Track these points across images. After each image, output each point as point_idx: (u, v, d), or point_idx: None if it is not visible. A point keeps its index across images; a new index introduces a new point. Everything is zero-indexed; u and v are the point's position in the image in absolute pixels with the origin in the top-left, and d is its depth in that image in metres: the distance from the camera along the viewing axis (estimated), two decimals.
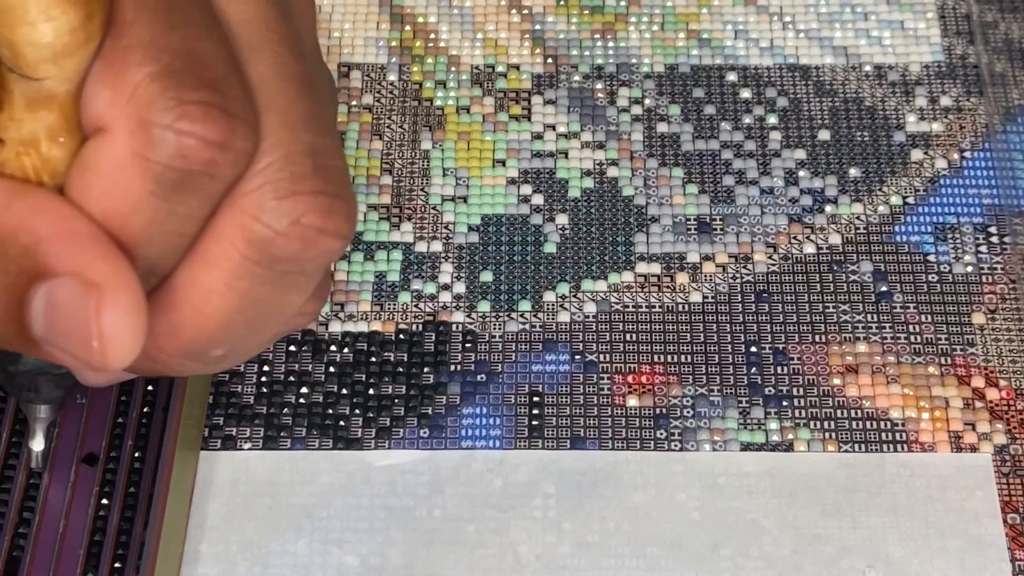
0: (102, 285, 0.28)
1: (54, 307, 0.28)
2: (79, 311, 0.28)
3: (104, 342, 0.28)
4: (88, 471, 0.37)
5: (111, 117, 0.28)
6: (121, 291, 0.28)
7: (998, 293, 0.40)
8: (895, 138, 0.43)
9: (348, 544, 0.36)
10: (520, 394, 0.39)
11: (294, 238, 0.30)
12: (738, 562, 0.36)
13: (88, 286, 0.28)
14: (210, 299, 0.30)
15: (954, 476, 0.37)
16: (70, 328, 0.28)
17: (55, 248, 0.28)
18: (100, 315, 0.28)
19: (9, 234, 0.28)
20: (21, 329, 0.28)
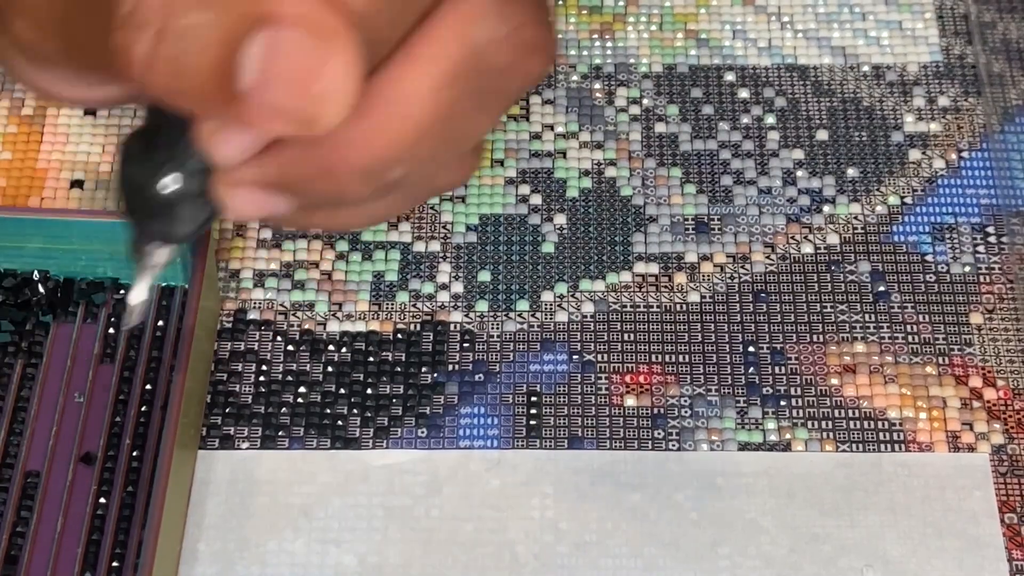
0: (330, 35, 0.27)
1: (275, 53, 0.27)
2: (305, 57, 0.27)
3: (327, 91, 0.27)
4: (86, 470, 0.37)
5: None
6: (348, 43, 0.27)
7: (996, 293, 0.40)
8: (893, 138, 0.43)
9: (346, 543, 0.36)
10: (518, 394, 0.39)
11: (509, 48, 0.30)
12: (736, 561, 0.36)
13: (317, 33, 0.27)
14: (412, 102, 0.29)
15: (952, 476, 0.37)
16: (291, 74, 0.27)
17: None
18: (327, 62, 0.27)
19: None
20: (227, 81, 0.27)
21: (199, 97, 0.27)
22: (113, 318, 0.39)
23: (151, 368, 0.38)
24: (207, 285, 0.38)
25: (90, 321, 0.39)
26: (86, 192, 0.42)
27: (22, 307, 0.39)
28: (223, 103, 0.27)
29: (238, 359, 0.39)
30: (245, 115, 0.27)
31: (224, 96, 0.27)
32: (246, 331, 0.40)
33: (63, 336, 0.39)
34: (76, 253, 0.39)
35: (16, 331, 0.39)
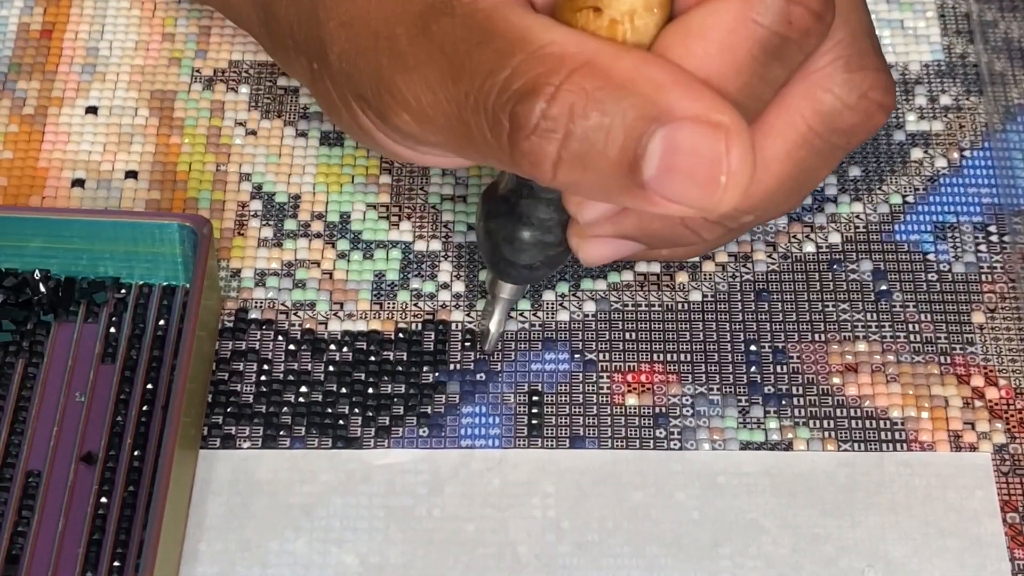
0: (728, 127, 0.30)
1: (675, 148, 0.30)
2: (707, 151, 0.30)
3: (731, 178, 0.30)
4: (87, 470, 0.37)
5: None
6: (744, 132, 0.30)
7: (998, 292, 0.40)
8: (895, 137, 0.43)
9: (347, 543, 0.36)
10: (519, 393, 0.39)
11: (859, 111, 0.33)
12: (737, 561, 0.36)
13: (716, 127, 0.30)
14: (769, 165, 0.33)
15: (953, 475, 0.37)
16: (695, 168, 0.30)
17: (675, 93, 0.30)
18: (730, 152, 0.29)
19: (627, 81, 0.30)
20: (630, 173, 0.30)
21: (602, 188, 0.31)
22: (114, 318, 0.39)
23: (152, 368, 0.38)
24: (208, 285, 0.38)
25: (91, 321, 0.39)
26: (87, 191, 0.42)
27: (23, 306, 0.39)
28: (625, 192, 0.31)
29: (239, 358, 0.39)
30: (648, 201, 0.31)
31: (628, 186, 0.30)
32: (247, 330, 0.40)
33: (64, 336, 0.39)
34: (77, 252, 0.39)
35: (17, 330, 0.39)
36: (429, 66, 0.32)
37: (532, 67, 0.30)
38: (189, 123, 0.44)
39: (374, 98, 0.34)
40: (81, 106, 0.44)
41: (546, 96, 0.30)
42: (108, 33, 0.45)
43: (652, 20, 0.31)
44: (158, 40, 0.45)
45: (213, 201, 0.42)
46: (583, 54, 0.30)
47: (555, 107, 0.30)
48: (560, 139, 0.30)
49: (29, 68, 0.45)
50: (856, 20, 0.34)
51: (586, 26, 0.31)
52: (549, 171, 0.31)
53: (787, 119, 0.33)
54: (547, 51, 0.30)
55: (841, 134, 0.34)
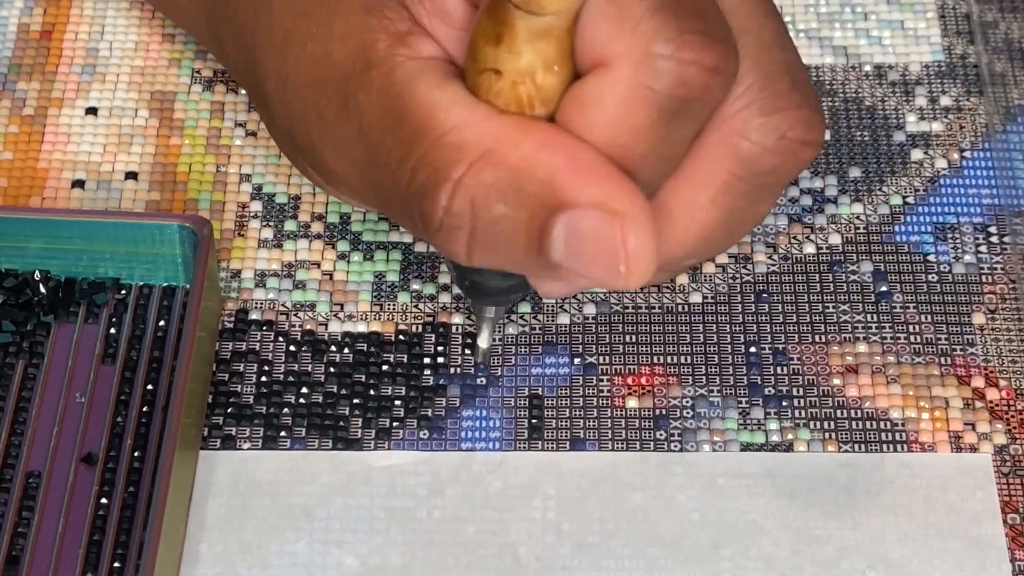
0: (624, 213, 0.30)
1: (576, 235, 0.30)
2: (605, 238, 0.30)
3: (630, 265, 0.30)
4: (87, 471, 0.37)
5: (613, 51, 0.30)
6: (641, 217, 0.30)
7: (998, 293, 0.40)
8: (895, 138, 0.43)
9: (348, 545, 0.36)
10: (520, 396, 0.39)
11: (780, 152, 0.33)
12: (738, 563, 0.36)
13: (612, 215, 0.30)
14: (695, 214, 0.33)
15: (954, 476, 0.37)
16: (595, 254, 0.30)
17: (572, 180, 0.30)
18: (626, 241, 0.30)
19: (526, 170, 0.30)
20: (540, 256, 0.30)
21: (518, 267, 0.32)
22: (115, 319, 0.39)
23: (152, 368, 0.38)
24: (208, 285, 0.38)
25: (91, 321, 0.39)
26: (87, 192, 0.42)
27: (23, 307, 0.39)
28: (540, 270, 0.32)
29: (239, 359, 0.39)
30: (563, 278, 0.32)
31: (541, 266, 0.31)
32: (247, 331, 0.40)
33: (64, 336, 0.39)
34: (77, 253, 0.39)
35: (17, 331, 0.39)
36: (352, 146, 0.33)
37: (435, 158, 0.31)
38: (189, 124, 0.44)
39: (314, 163, 0.35)
40: (81, 107, 0.44)
41: (447, 192, 0.30)
42: (108, 34, 0.45)
43: (555, 79, 0.31)
44: (158, 41, 0.45)
45: (213, 202, 0.42)
46: (483, 142, 0.30)
47: (456, 202, 0.31)
48: (467, 232, 0.31)
49: (29, 69, 0.45)
50: (769, 60, 0.33)
51: (489, 89, 0.31)
52: (464, 258, 0.32)
53: (706, 168, 0.33)
54: (448, 140, 0.31)
55: (767, 175, 0.33)
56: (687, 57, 0.30)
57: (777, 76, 0.33)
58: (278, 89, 0.34)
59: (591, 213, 0.30)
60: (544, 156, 0.30)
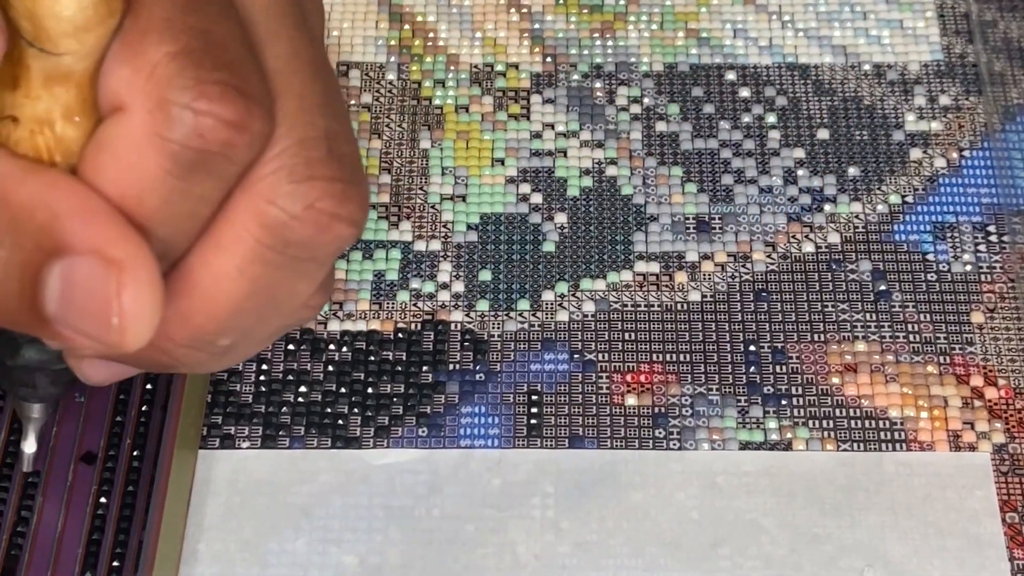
0: (122, 263, 0.27)
1: (71, 284, 0.28)
2: (98, 288, 0.27)
3: (124, 320, 0.28)
4: (86, 470, 0.37)
5: (129, 96, 0.28)
6: (141, 269, 0.28)
7: (997, 292, 0.40)
8: (894, 137, 0.43)
9: (347, 543, 0.36)
10: (519, 393, 0.39)
11: (308, 222, 0.30)
12: (737, 561, 0.36)
13: (108, 263, 0.27)
14: (222, 284, 0.30)
15: (953, 475, 0.37)
16: (88, 306, 0.28)
17: (72, 225, 0.28)
18: (120, 293, 0.27)
19: (25, 210, 0.28)
20: (34, 307, 0.28)
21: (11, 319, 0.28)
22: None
23: None
24: None
25: None
26: None
27: None
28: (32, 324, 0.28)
29: None
30: (56, 335, 0.28)
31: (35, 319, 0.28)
32: None
33: None
34: None
35: None
36: None
37: None
38: None
39: None
40: None
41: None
42: None
43: (75, 130, 0.28)
44: None
45: None
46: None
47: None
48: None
49: None
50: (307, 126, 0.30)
51: (8, 136, 0.29)
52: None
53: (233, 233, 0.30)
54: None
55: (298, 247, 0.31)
56: (204, 108, 0.28)
57: (313, 143, 0.30)
58: None
59: (86, 260, 0.27)
60: (49, 198, 0.28)
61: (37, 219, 0.28)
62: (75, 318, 0.28)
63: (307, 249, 0.30)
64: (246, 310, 0.31)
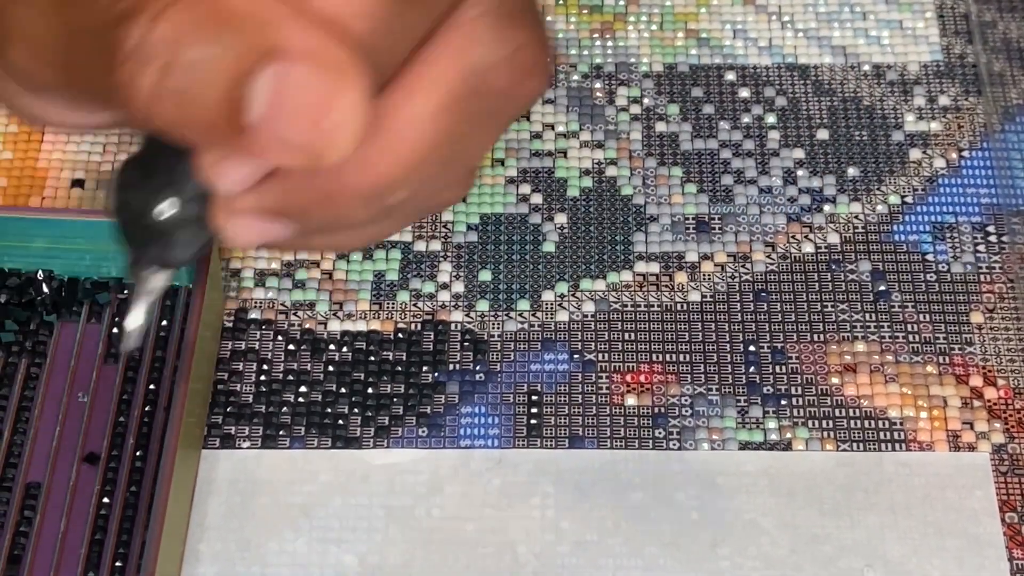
0: (340, 68, 0.27)
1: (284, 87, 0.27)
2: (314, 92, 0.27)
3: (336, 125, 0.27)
4: (90, 470, 0.37)
5: None
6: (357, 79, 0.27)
7: (996, 292, 0.40)
8: (893, 137, 0.43)
9: (347, 543, 0.36)
10: (519, 393, 0.39)
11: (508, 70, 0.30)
12: (736, 561, 0.36)
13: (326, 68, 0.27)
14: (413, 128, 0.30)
15: (952, 475, 0.37)
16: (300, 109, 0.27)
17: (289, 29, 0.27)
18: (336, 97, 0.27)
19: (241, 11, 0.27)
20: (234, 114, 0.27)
21: (205, 129, 0.28)
22: (117, 318, 0.39)
23: (155, 368, 0.38)
24: (211, 285, 0.38)
25: (94, 321, 0.39)
26: (87, 192, 0.42)
27: (26, 307, 0.39)
28: (229, 136, 0.28)
29: (239, 358, 0.39)
30: (252, 147, 0.27)
31: (231, 129, 0.27)
32: (247, 330, 0.40)
33: (67, 336, 0.39)
34: (80, 253, 0.40)
35: (20, 330, 0.39)
36: None
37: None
38: None
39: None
40: None
41: (148, 17, 0.27)
42: None
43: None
44: None
45: None
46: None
47: (157, 31, 0.27)
48: (159, 68, 0.27)
49: None
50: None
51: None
52: (145, 104, 0.28)
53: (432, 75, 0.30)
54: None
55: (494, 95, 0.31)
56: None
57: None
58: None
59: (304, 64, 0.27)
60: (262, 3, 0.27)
61: (252, 21, 0.27)
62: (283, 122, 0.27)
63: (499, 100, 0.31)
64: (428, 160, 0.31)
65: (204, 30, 0.27)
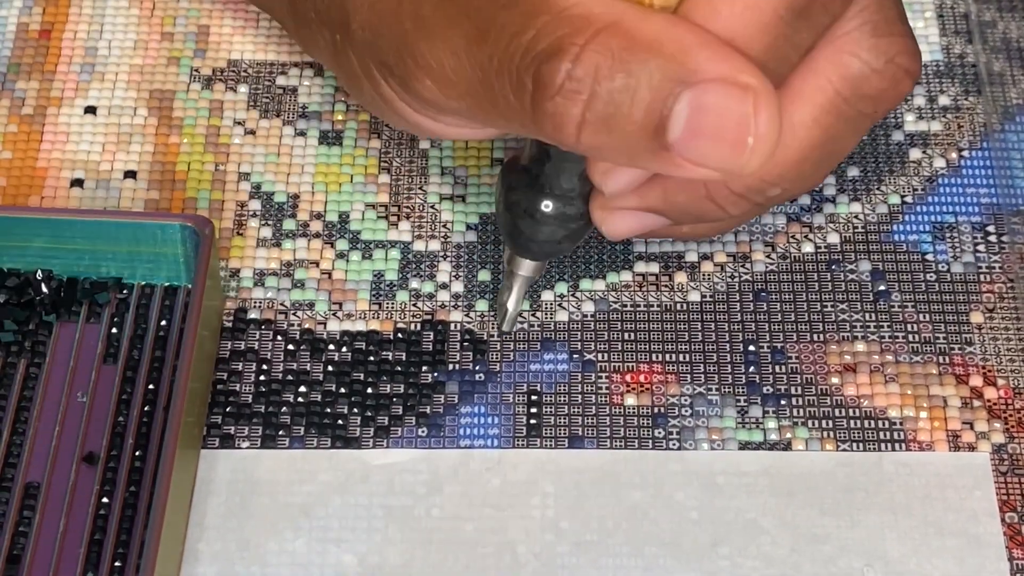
0: (756, 88, 0.29)
1: (702, 109, 0.29)
2: (735, 111, 0.29)
3: (758, 140, 0.29)
4: (89, 470, 0.37)
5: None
6: (770, 99, 0.30)
7: (996, 292, 0.40)
8: (893, 137, 0.43)
9: (346, 543, 0.36)
10: (518, 393, 0.39)
11: (886, 76, 0.33)
12: (736, 561, 0.36)
13: (743, 89, 0.29)
14: (796, 132, 0.33)
15: (952, 475, 0.37)
16: (721, 128, 0.29)
17: (701, 55, 0.30)
18: (757, 115, 0.29)
19: (653, 42, 0.30)
20: (656, 135, 0.30)
21: (627, 151, 0.31)
22: (116, 318, 0.39)
23: (154, 368, 0.38)
24: (210, 285, 0.38)
25: (93, 321, 0.39)
26: (86, 191, 0.42)
27: (25, 307, 0.39)
28: (650, 155, 0.30)
29: (238, 358, 0.39)
30: (673, 164, 0.30)
31: (653, 150, 0.30)
32: (246, 330, 0.40)
33: (66, 336, 0.39)
34: (79, 253, 0.40)
35: (19, 331, 0.39)
36: (453, 30, 0.32)
37: (557, 28, 0.30)
38: (188, 123, 0.44)
39: (397, 65, 0.33)
40: (80, 106, 0.44)
41: (571, 56, 0.30)
42: (107, 33, 0.46)
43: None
44: (157, 39, 0.45)
45: (212, 201, 0.42)
46: (609, 15, 0.30)
47: (580, 68, 0.30)
48: (585, 100, 0.30)
49: (28, 68, 0.45)
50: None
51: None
52: (573, 133, 0.31)
53: (814, 84, 0.33)
54: (573, 12, 0.30)
55: (868, 100, 0.34)
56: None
57: (889, 2, 0.34)
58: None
59: (720, 87, 0.29)
60: (674, 32, 0.30)
61: (666, 50, 0.30)
62: (701, 143, 0.30)
63: (875, 102, 0.34)
64: (809, 159, 0.34)
65: (622, 63, 0.30)
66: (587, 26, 0.30)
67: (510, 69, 0.31)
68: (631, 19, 0.30)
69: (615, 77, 0.30)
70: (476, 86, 0.32)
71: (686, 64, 0.30)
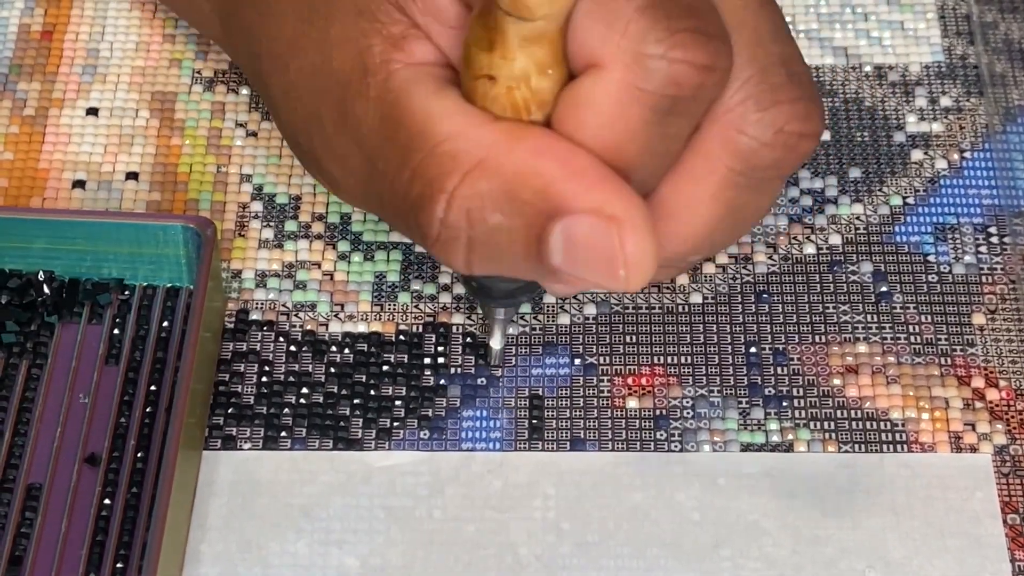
0: (621, 218, 0.30)
1: (573, 241, 0.30)
2: (602, 244, 0.30)
3: (630, 270, 0.30)
4: (91, 471, 0.37)
5: (605, 53, 0.30)
6: (639, 220, 0.30)
7: (998, 293, 0.40)
8: (895, 138, 0.43)
9: (348, 545, 0.36)
10: (520, 396, 0.39)
11: (778, 146, 0.32)
12: (738, 563, 0.36)
13: (608, 220, 0.30)
14: (697, 211, 0.33)
15: (954, 476, 0.37)
16: (593, 258, 0.30)
17: (567, 187, 0.30)
18: (624, 246, 0.30)
19: (519, 178, 0.30)
20: (541, 262, 0.31)
21: (519, 273, 0.32)
22: (118, 319, 0.39)
23: (156, 369, 0.38)
24: (212, 286, 0.38)
25: (95, 322, 0.39)
26: (88, 192, 0.42)
27: (27, 308, 0.39)
28: (541, 275, 0.32)
29: (240, 360, 0.39)
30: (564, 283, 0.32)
31: (540, 271, 0.31)
32: (248, 332, 0.40)
33: (68, 337, 0.39)
34: (81, 254, 0.40)
35: (21, 332, 0.39)
36: (351, 157, 0.33)
37: (429, 169, 0.31)
38: (190, 124, 0.44)
39: (320, 171, 0.35)
40: (82, 107, 0.44)
41: (442, 204, 0.31)
42: (109, 34, 0.46)
43: (549, 82, 0.31)
44: (159, 41, 0.45)
45: (214, 202, 0.42)
46: (477, 151, 0.30)
47: (452, 214, 0.31)
48: (464, 243, 0.31)
49: (30, 69, 0.45)
50: (765, 55, 0.32)
51: (485, 94, 0.31)
52: (463, 268, 0.32)
53: (705, 164, 0.33)
54: (443, 149, 0.31)
55: (766, 169, 0.33)
56: (678, 56, 0.30)
57: (773, 70, 0.33)
58: (282, 97, 0.34)
59: (587, 219, 0.30)
60: (538, 163, 0.30)
61: (531, 185, 0.30)
62: (580, 270, 0.30)
63: (775, 169, 0.33)
64: (718, 230, 0.34)
65: (493, 203, 0.30)
66: (455, 167, 0.30)
67: (396, 208, 0.32)
68: (498, 152, 0.30)
69: (488, 218, 0.30)
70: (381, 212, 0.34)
71: (553, 197, 0.30)
